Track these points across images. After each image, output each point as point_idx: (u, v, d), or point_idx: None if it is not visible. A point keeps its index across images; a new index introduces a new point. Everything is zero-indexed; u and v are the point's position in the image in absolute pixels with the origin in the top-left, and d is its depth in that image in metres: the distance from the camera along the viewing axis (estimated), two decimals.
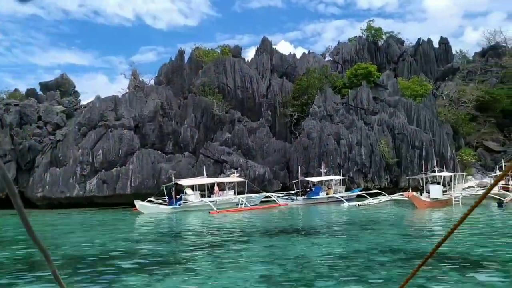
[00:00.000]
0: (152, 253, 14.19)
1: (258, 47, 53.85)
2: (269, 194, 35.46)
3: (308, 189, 37.74)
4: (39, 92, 44.89)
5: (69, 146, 38.19)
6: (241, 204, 31.53)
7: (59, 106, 41.76)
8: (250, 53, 53.75)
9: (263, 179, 39.95)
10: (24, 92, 43.84)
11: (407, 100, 49.58)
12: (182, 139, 41.26)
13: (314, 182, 38.39)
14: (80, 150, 37.54)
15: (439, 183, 31.67)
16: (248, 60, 52.64)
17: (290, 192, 38.40)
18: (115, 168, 36.77)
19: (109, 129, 38.64)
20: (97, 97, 40.76)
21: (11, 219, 26.92)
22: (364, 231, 19.18)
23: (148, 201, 31.94)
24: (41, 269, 11.52)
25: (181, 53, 47.66)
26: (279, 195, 36.28)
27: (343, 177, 39.46)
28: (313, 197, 36.26)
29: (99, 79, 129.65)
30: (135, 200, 30.08)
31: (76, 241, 17.62)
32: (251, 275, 11.30)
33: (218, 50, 52.59)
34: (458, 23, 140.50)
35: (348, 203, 32.54)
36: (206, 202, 30.65)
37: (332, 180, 38.86)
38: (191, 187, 33.18)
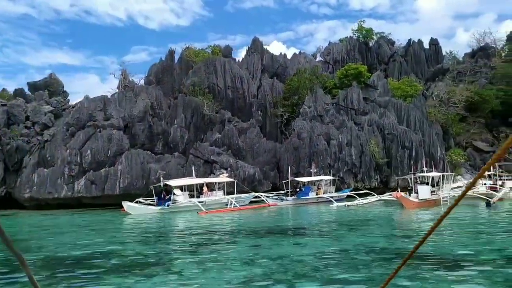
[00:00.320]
0: (135, 254, 14.07)
1: (249, 47, 53.77)
2: (259, 194, 35.39)
3: (298, 189, 37.73)
4: (27, 92, 44.43)
5: (57, 147, 37.82)
6: (230, 205, 31.42)
7: (47, 106, 41.35)
8: (243, 54, 53.73)
9: (253, 179, 39.88)
10: (12, 92, 43.34)
11: (397, 101, 49.79)
12: (172, 139, 41.05)
13: (304, 182, 38.40)
14: (68, 151, 37.20)
15: (427, 183, 31.83)
16: (239, 60, 52.56)
17: (280, 192, 38.38)
18: (104, 169, 36.48)
19: (98, 129, 38.34)
20: (86, 97, 40.43)
21: None
22: (350, 231, 19.20)
23: (137, 202, 31.72)
24: (18, 271, 11.37)
25: (171, 53, 47.45)
26: (269, 195, 36.23)
27: (333, 177, 39.49)
28: (303, 197, 36.24)
29: (91, 79, 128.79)
30: (123, 201, 29.86)
31: (60, 243, 17.44)
32: (234, 276, 11.24)
33: (209, 50, 52.43)
34: (450, 24, 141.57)
35: (337, 204, 32.58)
36: (195, 203, 30.49)
37: (322, 180, 38.88)
38: (180, 188, 33.02)
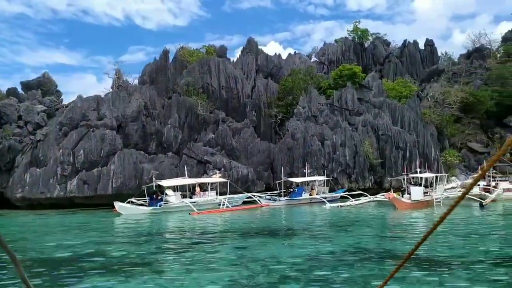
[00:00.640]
0: (121, 255, 13.99)
1: (244, 48, 53.69)
2: (251, 195, 35.29)
3: (291, 190, 37.68)
4: (20, 92, 44.16)
5: (50, 146, 37.60)
6: (223, 205, 31.32)
7: (40, 106, 41.11)
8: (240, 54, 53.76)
9: (247, 180, 39.79)
10: (5, 91, 43.06)
11: (392, 101, 49.81)
12: (166, 139, 40.91)
13: (298, 183, 38.35)
14: (61, 150, 36.98)
15: (420, 184, 31.85)
16: (234, 61, 52.47)
17: (274, 193, 38.31)
18: (96, 169, 36.30)
19: (91, 129, 38.15)
20: (79, 97, 40.21)
21: None
22: (340, 233, 19.16)
23: (129, 202, 31.58)
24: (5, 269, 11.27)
25: (166, 53, 47.27)
26: (262, 196, 36.16)
27: (327, 178, 39.48)
28: (295, 198, 36.20)
29: (88, 79, 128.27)
30: (115, 201, 29.73)
31: (48, 243, 17.32)
32: (217, 277, 11.19)
33: (203, 50, 52.31)
34: (446, 25, 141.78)
35: (330, 204, 32.54)
36: (187, 203, 30.37)
37: (316, 181, 38.85)
38: (173, 188, 32.89)
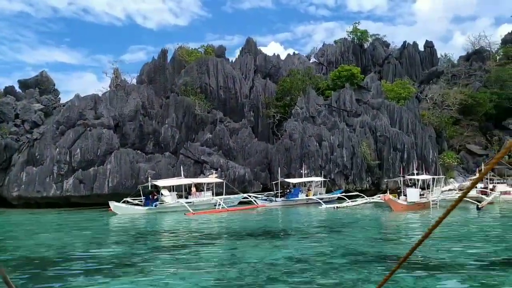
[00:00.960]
0: (110, 255, 13.91)
1: (243, 48, 53.66)
2: (247, 195, 35.21)
3: (288, 191, 37.59)
4: (18, 90, 44.16)
5: (47, 145, 37.54)
6: (219, 206, 31.23)
7: (38, 104, 41.08)
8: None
9: (244, 180, 39.72)
10: (2, 90, 43.06)
11: (390, 103, 49.71)
12: (163, 139, 40.86)
13: (294, 184, 38.27)
14: (58, 149, 36.93)
15: (415, 186, 31.75)
16: (233, 61, 52.41)
17: (270, 193, 38.24)
18: (93, 168, 36.25)
19: (88, 128, 38.10)
20: (77, 96, 40.17)
21: None
22: (333, 234, 19.06)
23: (124, 202, 31.50)
24: None
25: (164, 52, 47.20)
26: (258, 196, 36.07)
27: (324, 179, 39.39)
28: (292, 199, 36.11)
29: (88, 78, 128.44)
30: (110, 201, 29.65)
31: (39, 242, 17.25)
32: (204, 278, 11.11)
33: (202, 50, 52.25)
34: (447, 27, 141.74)
35: (326, 205, 32.42)
36: (183, 204, 30.28)
37: (313, 182, 38.76)
38: (169, 188, 32.81)
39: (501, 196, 37.14)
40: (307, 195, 37.13)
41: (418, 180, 33.09)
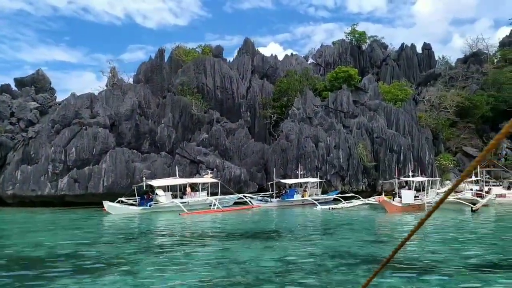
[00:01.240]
0: (98, 255, 13.83)
1: (240, 48, 53.61)
2: (242, 195, 35.15)
3: (283, 191, 37.54)
4: (14, 88, 44.03)
5: (42, 144, 37.43)
6: (213, 206, 31.17)
7: (33, 103, 40.96)
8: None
9: (239, 180, 39.64)
10: None
11: (387, 104, 49.70)
12: (159, 139, 40.77)
13: (290, 185, 38.22)
14: (53, 148, 36.82)
15: (409, 188, 31.74)
16: (230, 61, 52.36)
17: (266, 194, 38.20)
18: (88, 167, 36.14)
19: (84, 127, 37.99)
20: (72, 94, 40.05)
21: None
22: (325, 235, 19.02)
23: (119, 202, 31.39)
24: None
25: (161, 52, 47.11)
26: (253, 197, 36.01)
27: (320, 180, 39.35)
28: (287, 199, 36.06)
29: (87, 77, 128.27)
30: (104, 201, 29.55)
31: (29, 241, 17.15)
32: (190, 278, 11.04)
33: (199, 50, 52.19)
34: (446, 29, 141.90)
35: (321, 206, 32.37)
36: (177, 203, 30.21)
37: (308, 183, 38.71)
38: (164, 188, 32.72)
39: (497, 199, 37.15)
40: (303, 196, 37.08)
41: (413, 182, 33.09)
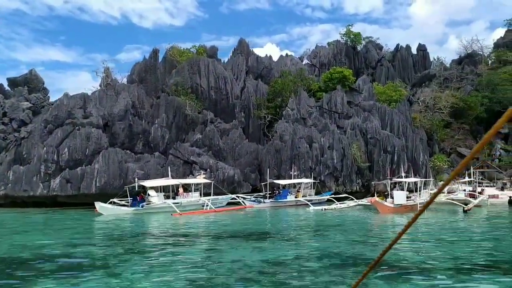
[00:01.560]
0: (84, 256, 13.75)
1: (235, 49, 53.52)
2: (235, 196, 35.07)
3: (277, 192, 37.49)
4: (7, 88, 43.79)
5: (34, 144, 37.26)
6: (206, 206, 31.09)
7: (26, 103, 40.77)
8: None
9: (233, 181, 39.57)
10: None
11: (382, 105, 49.77)
12: (153, 139, 40.64)
13: (284, 185, 38.17)
14: (45, 148, 36.64)
15: (403, 189, 31.75)
16: (225, 61, 52.28)
17: (260, 194, 38.15)
18: (80, 167, 35.98)
19: (77, 127, 37.83)
20: (65, 94, 39.87)
21: None
22: (315, 236, 18.99)
23: (111, 202, 31.25)
24: None
25: (155, 52, 46.96)
26: (246, 197, 35.95)
27: (314, 181, 39.33)
28: (281, 200, 36.02)
29: (83, 77, 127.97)
30: (95, 201, 29.40)
31: (17, 242, 17.04)
32: (174, 279, 10.98)
33: (194, 50, 52.07)
34: (442, 31, 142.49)
35: (314, 207, 32.34)
36: (170, 204, 30.10)
37: (302, 183, 38.68)
38: (156, 189, 32.60)
39: (489, 200, 37.22)
40: (296, 197, 37.04)
41: (406, 183, 33.12)
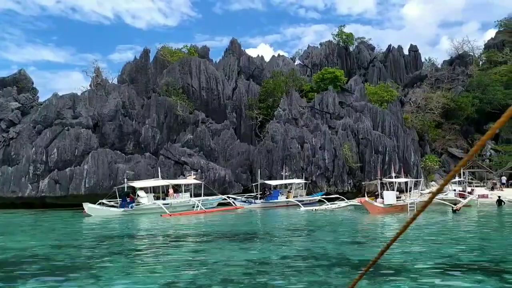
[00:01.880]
0: (66, 258, 13.54)
1: (227, 49, 53.39)
2: (226, 197, 34.92)
3: (268, 193, 37.37)
4: None
5: (23, 144, 36.84)
6: (196, 207, 30.92)
7: (15, 103, 40.32)
8: None
9: (224, 182, 39.40)
10: None
11: (373, 106, 49.88)
12: (143, 140, 40.36)
13: (275, 185, 38.06)
14: (34, 149, 36.25)
15: (393, 189, 31.78)
16: (216, 62, 52.12)
17: (251, 195, 38.01)
18: (69, 168, 35.62)
19: (66, 128, 37.47)
20: (55, 94, 39.50)
21: None
22: (304, 237, 18.91)
23: (100, 203, 30.94)
24: None
25: (146, 52, 46.69)
26: (237, 198, 35.81)
27: (305, 181, 39.29)
28: (272, 201, 35.92)
29: (75, 77, 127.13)
30: (84, 202, 29.10)
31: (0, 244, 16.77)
32: (155, 281, 10.84)
33: (185, 50, 51.86)
34: (435, 32, 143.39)
35: (305, 208, 32.28)
36: (159, 205, 29.88)
37: (293, 184, 38.61)
38: (146, 189, 32.34)
39: (479, 199, 37.34)
40: (287, 197, 36.96)
41: (396, 183, 33.17)
